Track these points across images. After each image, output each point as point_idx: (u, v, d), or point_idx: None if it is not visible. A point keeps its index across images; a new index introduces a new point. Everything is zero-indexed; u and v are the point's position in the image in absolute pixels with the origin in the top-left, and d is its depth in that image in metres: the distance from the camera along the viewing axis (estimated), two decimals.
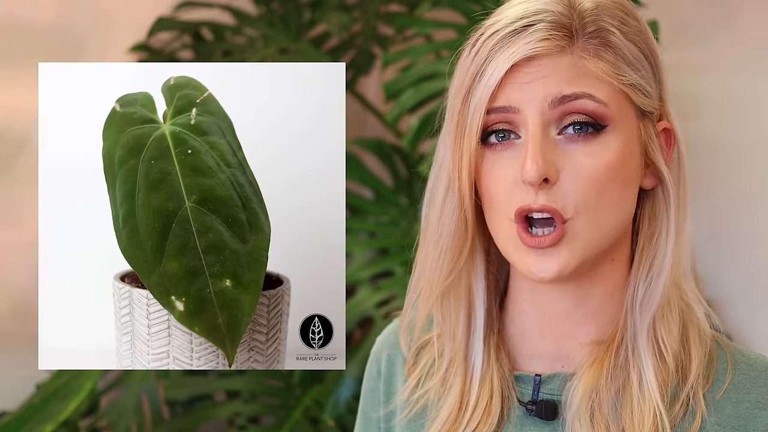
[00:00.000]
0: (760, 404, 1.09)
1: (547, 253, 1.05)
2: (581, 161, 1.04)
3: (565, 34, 1.05)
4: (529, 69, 1.05)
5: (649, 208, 1.12)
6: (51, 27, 2.28)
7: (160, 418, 2.11)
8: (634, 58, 1.07)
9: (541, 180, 1.03)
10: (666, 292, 1.10)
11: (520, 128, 1.06)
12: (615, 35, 1.06)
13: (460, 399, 1.13)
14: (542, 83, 1.04)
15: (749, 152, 2.11)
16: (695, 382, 1.09)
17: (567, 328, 1.12)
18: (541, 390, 1.11)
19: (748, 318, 2.06)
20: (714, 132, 2.16)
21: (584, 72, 1.05)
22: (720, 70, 2.18)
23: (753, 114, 2.10)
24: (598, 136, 1.05)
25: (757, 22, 2.11)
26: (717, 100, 2.17)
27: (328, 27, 2.44)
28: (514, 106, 1.05)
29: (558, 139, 1.05)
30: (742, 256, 2.11)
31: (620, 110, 1.06)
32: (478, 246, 1.14)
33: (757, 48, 2.10)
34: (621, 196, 1.06)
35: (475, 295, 1.15)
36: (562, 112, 1.04)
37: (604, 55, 1.05)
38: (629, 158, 1.07)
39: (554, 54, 1.05)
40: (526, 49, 1.04)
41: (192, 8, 2.49)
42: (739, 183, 2.12)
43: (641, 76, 1.07)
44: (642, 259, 1.11)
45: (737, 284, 2.09)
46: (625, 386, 1.09)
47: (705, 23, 2.20)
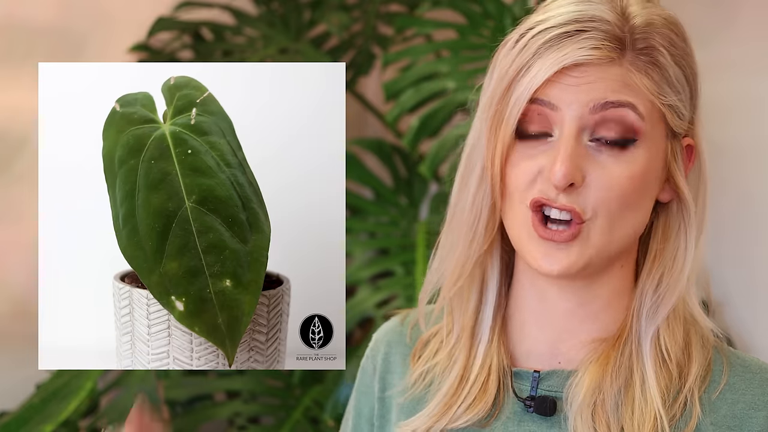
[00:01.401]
0: (755, 405, 1.10)
1: (558, 248, 1.06)
2: (608, 169, 1.06)
3: (616, 46, 1.06)
4: (576, 74, 1.06)
5: (664, 221, 1.14)
6: (51, 27, 2.28)
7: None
8: (677, 81, 1.09)
9: (568, 184, 1.05)
10: (676, 302, 1.11)
11: (554, 127, 1.07)
12: (663, 56, 1.08)
13: (461, 373, 1.14)
14: (587, 88, 1.05)
15: (752, 153, 2.11)
16: (693, 384, 1.10)
17: (568, 325, 1.13)
18: (540, 386, 1.12)
19: (750, 318, 2.06)
20: (716, 133, 2.15)
21: (629, 84, 1.06)
22: (721, 71, 2.18)
23: (755, 115, 2.10)
24: (627, 150, 1.07)
25: (758, 22, 2.11)
26: (719, 101, 2.16)
27: (328, 27, 2.44)
28: (554, 104, 1.06)
29: (589, 145, 1.06)
30: (744, 256, 2.11)
31: (654, 128, 1.08)
32: (497, 234, 1.15)
33: (758, 48, 2.10)
34: (638, 207, 1.08)
35: (489, 276, 1.17)
36: (601, 119, 1.06)
37: (651, 73, 1.07)
38: (651, 172, 1.08)
39: (603, 63, 1.06)
40: (578, 54, 1.05)
41: (192, 8, 2.49)
42: (742, 184, 2.12)
43: (680, 99, 1.09)
44: (652, 270, 1.12)
45: (739, 284, 2.09)
46: (627, 385, 1.10)
47: (705, 24, 2.20)
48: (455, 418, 1.13)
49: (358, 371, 1.27)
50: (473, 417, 1.13)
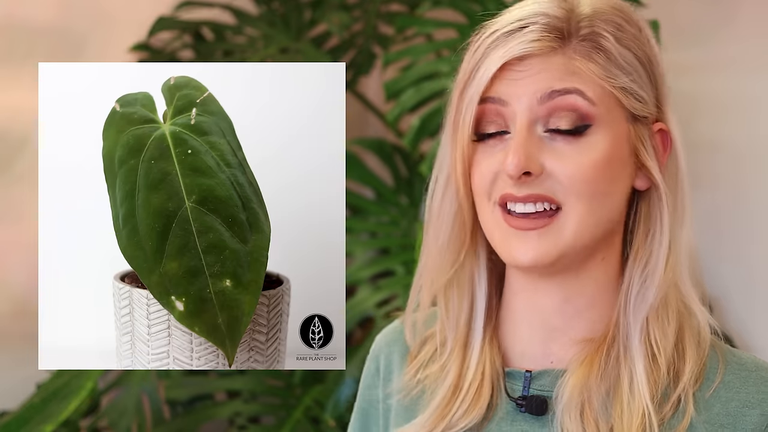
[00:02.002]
0: (750, 403, 1.09)
1: (528, 236, 1.07)
2: (567, 158, 1.07)
3: (557, 36, 1.08)
4: (520, 67, 1.07)
5: (645, 209, 1.13)
6: (51, 27, 2.28)
7: (160, 418, 2.11)
8: (626, 63, 1.09)
9: (521, 173, 1.05)
10: (659, 292, 1.10)
11: (509, 123, 1.08)
12: (607, 40, 1.08)
13: (455, 383, 1.14)
14: (532, 80, 1.07)
15: (749, 151, 2.11)
16: (687, 383, 1.09)
17: (556, 323, 1.13)
18: (532, 386, 1.12)
19: (748, 316, 2.06)
20: (713, 131, 2.16)
21: (575, 71, 1.07)
22: (720, 69, 2.18)
23: (752, 113, 2.11)
24: (583, 136, 1.07)
25: (756, 20, 2.11)
26: (716, 99, 2.17)
27: (328, 26, 2.45)
28: (504, 99, 1.08)
29: (544, 136, 1.07)
30: (741, 254, 2.11)
31: (609, 112, 1.08)
32: (480, 240, 1.15)
33: (756, 47, 2.10)
34: (609, 194, 1.08)
35: (477, 286, 1.17)
36: (550, 109, 1.07)
37: (595, 58, 1.07)
38: (616, 157, 1.08)
39: (545, 54, 1.07)
40: (518, 48, 1.07)
41: (192, 8, 2.49)
42: (738, 182, 2.12)
43: (633, 80, 1.09)
44: (637, 259, 1.12)
45: (737, 282, 2.09)
46: (615, 385, 1.09)
47: (705, 23, 2.20)
48: (451, 426, 1.13)
49: (363, 373, 1.28)
50: (469, 422, 1.13)
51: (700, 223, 2.16)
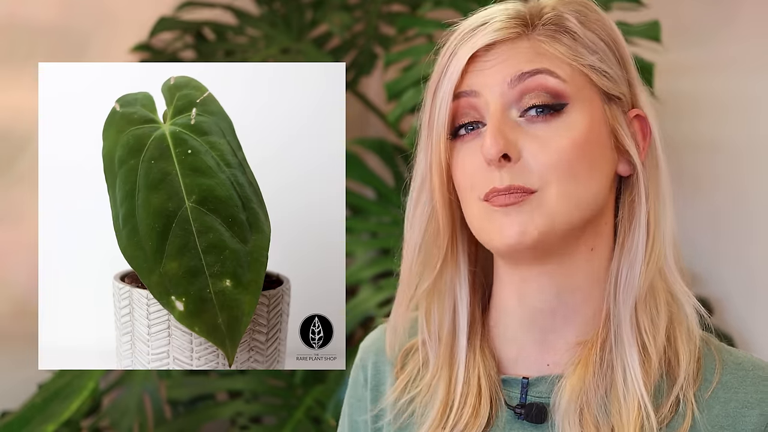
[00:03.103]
0: (749, 403, 1.09)
1: (508, 213, 1.05)
2: (544, 138, 1.06)
3: (521, 22, 1.09)
4: (488, 57, 1.09)
5: (628, 197, 1.13)
6: (53, 27, 2.29)
7: (162, 418, 2.11)
8: (592, 43, 1.10)
9: (500, 156, 1.05)
10: (644, 280, 1.10)
11: (484, 114, 1.08)
12: (571, 22, 1.10)
13: (445, 401, 1.13)
14: (501, 67, 1.08)
15: (749, 151, 2.11)
16: (685, 382, 1.09)
17: (552, 325, 1.12)
18: (529, 393, 1.11)
19: (748, 317, 2.06)
20: (714, 131, 2.16)
21: (542, 53, 1.08)
22: (720, 69, 2.18)
23: (753, 113, 2.11)
24: (559, 115, 1.07)
25: (757, 20, 2.11)
26: (717, 99, 2.17)
27: (329, 27, 2.45)
28: (475, 90, 1.08)
29: (519, 121, 1.07)
30: (741, 254, 2.11)
31: (581, 91, 1.08)
32: (460, 248, 1.14)
33: (757, 46, 2.10)
34: (589, 175, 1.07)
35: (458, 297, 1.15)
36: (521, 91, 1.07)
37: (561, 39, 1.09)
38: (595, 138, 1.08)
39: (511, 40, 1.09)
40: (485, 39, 1.09)
41: (194, 8, 2.49)
42: (738, 182, 2.12)
43: (600, 59, 1.10)
44: (623, 248, 1.11)
45: (737, 283, 2.09)
46: (612, 385, 1.08)
47: (705, 23, 2.20)
48: None
49: (350, 382, 1.26)
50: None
51: (700, 224, 2.17)
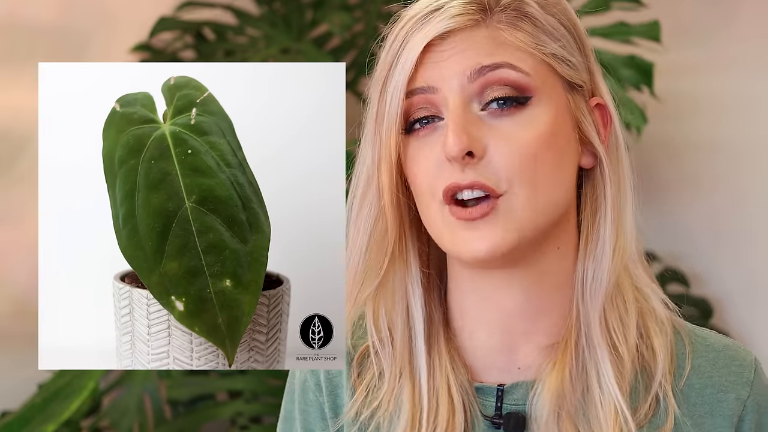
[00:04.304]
0: (723, 387, 1.06)
1: (477, 227, 1.00)
2: (509, 134, 1.00)
3: (479, 8, 1.02)
4: (444, 47, 1.01)
5: (590, 190, 1.07)
6: (53, 27, 2.29)
7: (162, 418, 2.11)
8: (553, 29, 1.04)
9: (464, 153, 0.99)
10: (611, 276, 1.05)
11: (441, 109, 1.02)
12: (531, 6, 1.03)
13: (411, 413, 1.05)
14: (459, 58, 1.01)
15: (749, 151, 2.11)
16: (663, 378, 1.05)
17: (519, 325, 1.06)
18: (505, 401, 1.06)
19: (748, 317, 2.06)
20: (714, 131, 2.16)
21: (502, 43, 1.01)
22: (720, 69, 2.18)
23: (753, 113, 2.11)
24: (524, 108, 1.01)
25: (757, 21, 2.12)
26: (717, 99, 2.17)
27: (329, 27, 2.45)
28: (432, 86, 1.02)
29: (482, 115, 1.01)
30: (741, 255, 2.11)
31: (544, 82, 1.02)
32: (410, 246, 1.08)
33: (757, 47, 2.10)
34: (557, 171, 1.02)
35: (411, 299, 1.08)
36: (482, 85, 1.01)
37: (522, 26, 1.02)
38: (560, 131, 1.03)
39: (469, 28, 1.02)
40: (440, 26, 1.01)
41: (194, 8, 2.49)
42: (738, 182, 2.12)
43: (562, 47, 1.04)
44: (588, 243, 1.06)
45: (737, 283, 2.09)
46: (588, 389, 1.04)
47: (705, 23, 2.20)
48: None
49: (295, 388, 1.17)
50: None
51: (700, 224, 2.18)
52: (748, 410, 1.08)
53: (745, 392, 1.08)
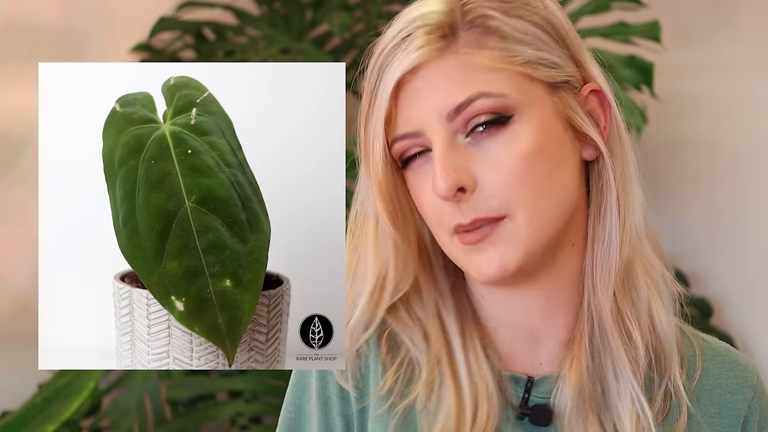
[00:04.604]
0: (731, 389, 1.09)
1: (485, 248, 1.01)
2: (495, 157, 1.00)
3: (441, 34, 1.01)
4: (416, 82, 1.01)
5: (595, 180, 1.07)
6: (53, 27, 2.29)
7: (162, 418, 2.11)
8: (523, 35, 1.02)
9: (454, 191, 1.00)
10: (620, 263, 1.05)
11: (428, 144, 1.02)
12: (495, 18, 1.01)
13: (456, 408, 1.05)
14: (434, 99, 1.01)
15: (749, 152, 2.12)
16: (673, 371, 1.06)
17: (541, 323, 1.08)
18: (532, 393, 1.07)
19: (748, 317, 2.06)
20: (714, 131, 2.16)
21: (473, 69, 1.00)
22: (720, 70, 2.19)
23: (753, 113, 2.11)
24: (506, 127, 1.01)
25: (757, 21, 2.12)
26: (717, 99, 2.17)
27: (329, 27, 2.45)
28: (417, 131, 1.02)
29: (467, 143, 1.01)
30: (741, 255, 2.12)
31: (524, 93, 1.01)
32: (435, 262, 1.10)
33: (757, 47, 2.11)
34: (554, 181, 1.02)
35: (444, 312, 1.10)
36: (463, 119, 1.01)
37: (488, 43, 1.01)
38: (550, 139, 1.02)
39: (436, 58, 1.01)
40: (407, 62, 1.01)
41: (194, 8, 2.49)
42: (738, 182, 2.13)
43: (537, 48, 1.02)
44: (595, 236, 1.06)
45: (737, 283, 2.10)
46: (605, 378, 1.05)
47: (705, 23, 2.21)
48: None
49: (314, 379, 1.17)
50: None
51: (701, 224, 2.18)
52: (752, 412, 1.11)
53: (750, 394, 1.11)
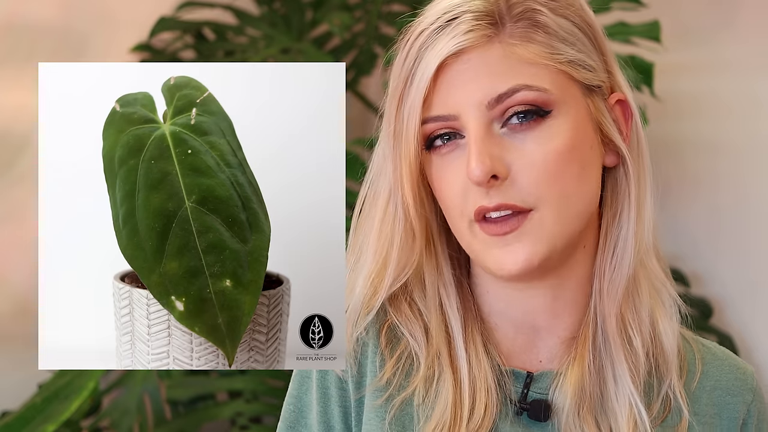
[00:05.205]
0: (731, 391, 1.10)
1: (509, 242, 1.01)
2: (531, 150, 1.01)
3: (490, 21, 1.01)
4: (459, 66, 1.01)
5: (611, 187, 1.08)
6: (53, 27, 2.29)
7: (162, 418, 2.11)
8: (567, 34, 1.03)
9: (488, 178, 1.00)
10: (630, 271, 1.06)
11: (461, 129, 1.02)
12: (543, 13, 1.02)
13: (453, 402, 1.06)
14: (476, 86, 1.01)
15: (749, 152, 2.12)
16: (674, 377, 1.07)
17: (545, 322, 1.09)
18: (531, 388, 1.08)
19: (748, 317, 2.06)
20: (714, 131, 2.16)
21: (517, 60, 1.01)
22: (720, 70, 2.19)
23: (753, 113, 2.11)
24: (543, 121, 1.01)
25: (757, 21, 2.12)
26: (717, 99, 2.17)
27: (329, 27, 2.45)
28: (452, 114, 1.02)
29: (503, 133, 1.02)
30: (741, 255, 2.12)
31: (563, 91, 1.02)
32: (440, 252, 1.10)
33: (757, 47, 2.11)
34: (582, 181, 1.03)
35: (445, 300, 1.10)
36: (502, 109, 1.01)
37: (535, 37, 1.01)
38: (582, 140, 1.03)
39: (482, 45, 1.01)
40: (452, 44, 1.00)
41: (194, 8, 2.49)
42: (739, 182, 2.13)
43: (579, 50, 1.03)
44: (607, 242, 1.07)
45: (737, 283, 2.10)
46: (604, 380, 1.06)
47: (705, 23, 2.21)
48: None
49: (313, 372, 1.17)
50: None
51: (701, 224, 2.18)
52: (750, 415, 1.12)
53: (749, 397, 1.12)
